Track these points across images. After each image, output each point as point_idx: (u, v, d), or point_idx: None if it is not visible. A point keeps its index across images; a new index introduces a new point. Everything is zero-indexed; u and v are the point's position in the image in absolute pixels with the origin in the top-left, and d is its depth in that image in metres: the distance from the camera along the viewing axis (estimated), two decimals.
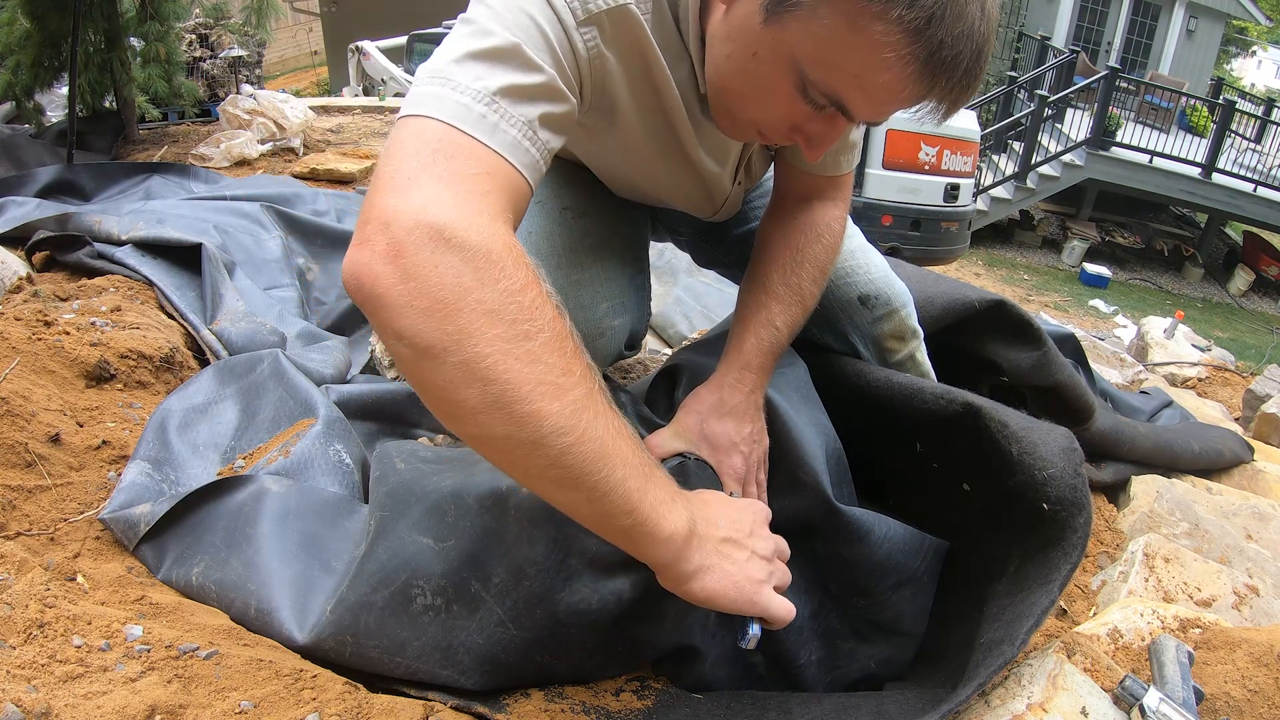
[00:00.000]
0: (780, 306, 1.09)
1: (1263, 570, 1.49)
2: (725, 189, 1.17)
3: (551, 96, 0.74)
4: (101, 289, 1.91)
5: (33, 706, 0.73)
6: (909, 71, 0.72)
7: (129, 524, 1.10)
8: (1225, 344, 6.36)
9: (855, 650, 1.09)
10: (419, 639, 0.94)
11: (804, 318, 1.12)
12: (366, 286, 0.61)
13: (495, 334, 0.60)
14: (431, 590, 0.95)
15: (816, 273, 1.12)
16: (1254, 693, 1.00)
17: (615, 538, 0.75)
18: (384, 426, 1.80)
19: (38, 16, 3.87)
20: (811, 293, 1.12)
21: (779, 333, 1.08)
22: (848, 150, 1.13)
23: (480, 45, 0.71)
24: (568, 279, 1.13)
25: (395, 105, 6.05)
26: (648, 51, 0.89)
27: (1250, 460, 2.03)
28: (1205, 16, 13.98)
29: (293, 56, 18.01)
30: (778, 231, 1.14)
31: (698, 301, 2.78)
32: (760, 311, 1.09)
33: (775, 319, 1.08)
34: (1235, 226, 13.06)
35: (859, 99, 0.76)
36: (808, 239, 1.12)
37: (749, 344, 1.07)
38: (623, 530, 0.72)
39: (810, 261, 1.11)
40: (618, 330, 1.15)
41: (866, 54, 0.71)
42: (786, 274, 1.10)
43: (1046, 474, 0.96)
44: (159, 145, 4.48)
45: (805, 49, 0.73)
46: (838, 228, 1.15)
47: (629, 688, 1.01)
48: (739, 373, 1.06)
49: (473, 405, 0.62)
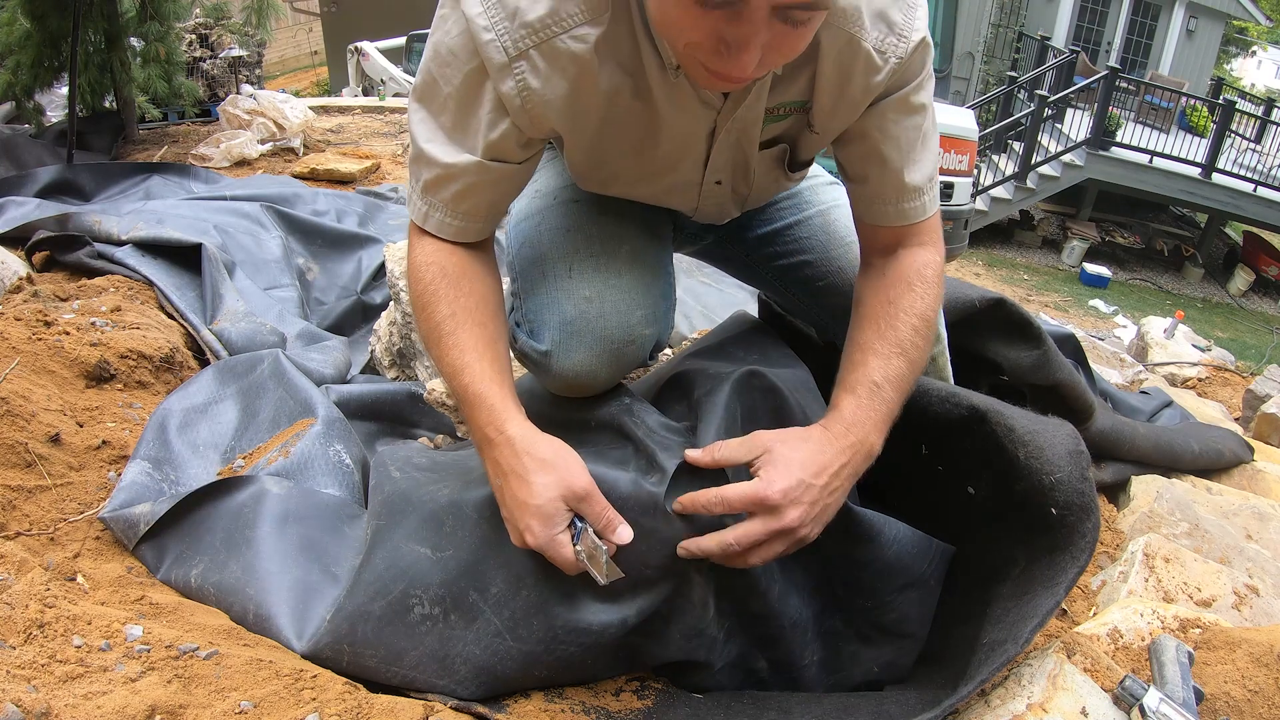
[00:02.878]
0: (879, 361, 1.00)
1: (1263, 570, 1.49)
2: (695, 180, 1.13)
3: (469, 172, 0.97)
4: (101, 289, 1.91)
5: (33, 706, 0.73)
6: None
7: (129, 523, 1.10)
8: (1225, 344, 6.36)
9: (858, 653, 1.08)
10: (416, 648, 0.94)
11: (912, 371, 1.01)
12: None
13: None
14: (429, 600, 0.95)
15: (917, 321, 1.02)
16: (1254, 693, 1.00)
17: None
18: (384, 426, 1.80)
19: (38, 16, 3.87)
20: (914, 343, 1.02)
21: (880, 389, 0.98)
22: (913, 195, 1.06)
23: (421, 142, 0.98)
24: (606, 282, 1.09)
25: (395, 105, 6.05)
26: (587, 69, 0.91)
27: (1250, 460, 2.03)
28: (1205, 16, 13.97)
29: (293, 56, 18.02)
30: (869, 288, 1.08)
31: (698, 301, 2.79)
32: (856, 370, 1.01)
33: (874, 374, 0.99)
34: (1235, 226, 13.06)
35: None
36: (899, 290, 1.05)
37: (846, 405, 0.99)
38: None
39: (907, 311, 1.03)
40: (648, 340, 1.13)
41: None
42: (881, 327, 1.02)
43: (1054, 478, 0.96)
44: (159, 145, 4.48)
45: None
46: (930, 273, 1.07)
47: (629, 688, 1.01)
48: (842, 428, 0.97)
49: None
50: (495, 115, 0.94)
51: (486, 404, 0.93)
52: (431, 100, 0.96)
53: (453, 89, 0.94)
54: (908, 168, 1.04)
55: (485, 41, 0.88)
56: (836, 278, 1.31)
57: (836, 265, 1.32)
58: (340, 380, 1.89)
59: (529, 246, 1.16)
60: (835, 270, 1.32)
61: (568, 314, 1.07)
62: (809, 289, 1.34)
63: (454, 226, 1.00)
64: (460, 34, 0.90)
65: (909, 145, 1.03)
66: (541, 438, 0.93)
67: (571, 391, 1.14)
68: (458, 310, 0.98)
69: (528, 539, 0.90)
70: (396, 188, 3.83)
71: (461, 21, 0.89)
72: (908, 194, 1.05)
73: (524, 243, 1.17)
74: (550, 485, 0.89)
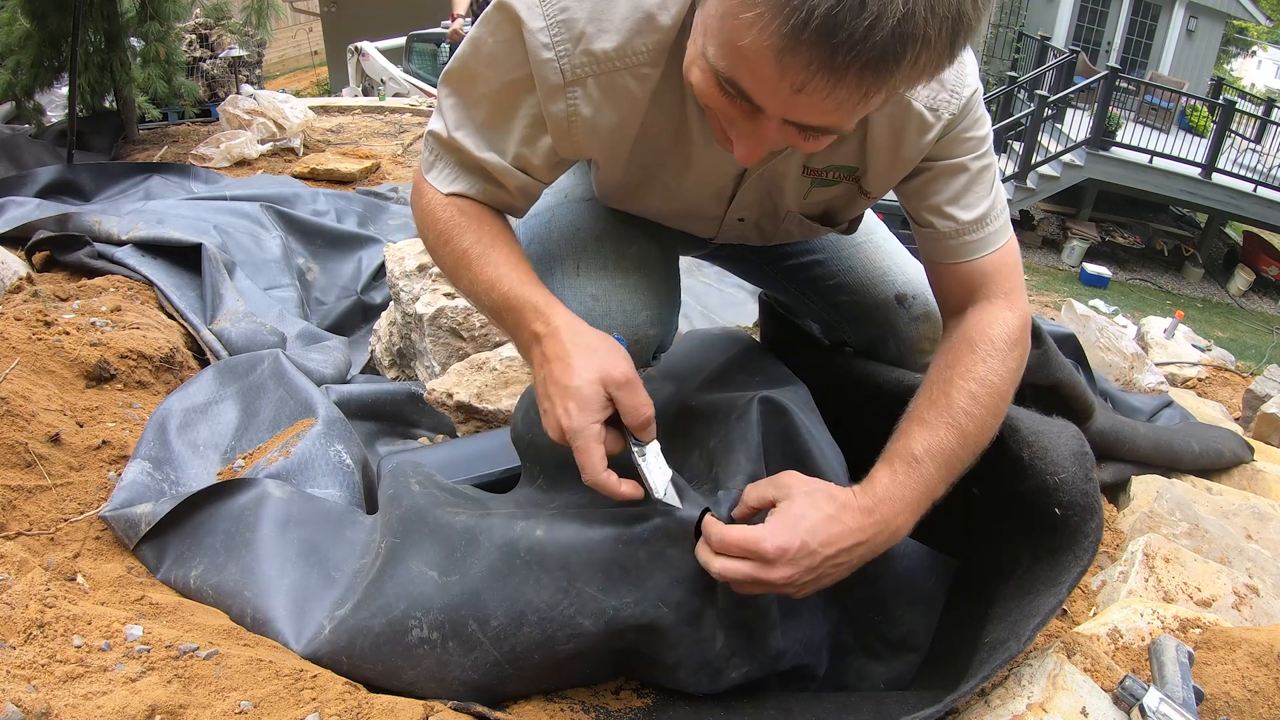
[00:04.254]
0: (924, 432, 0.92)
1: (1263, 570, 1.49)
2: (716, 215, 1.12)
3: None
4: (101, 289, 1.91)
5: (33, 706, 0.73)
6: (772, 44, 0.63)
7: (130, 523, 1.10)
8: (1225, 344, 6.36)
9: (865, 668, 1.08)
10: (413, 669, 0.93)
11: (964, 444, 0.92)
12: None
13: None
14: (428, 624, 0.93)
15: (975, 387, 0.93)
16: (1254, 693, 1.00)
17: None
18: (384, 426, 1.80)
19: (38, 16, 3.87)
20: (970, 413, 0.92)
21: (919, 464, 0.90)
22: (974, 228, 1.00)
23: (451, 126, 0.96)
24: (613, 281, 1.08)
25: (395, 105, 6.05)
26: (639, 107, 0.90)
27: (1250, 460, 2.03)
28: (1205, 16, 13.97)
29: (293, 56, 18.00)
30: (936, 356, 1.02)
31: (698, 301, 2.79)
32: (898, 440, 0.93)
33: (915, 446, 0.91)
34: (1235, 226, 13.06)
35: (747, 77, 0.69)
36: (960, 352, 0.97)
37: (880, 479, 0.91)
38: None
39: (965, 377, 0.94)
40: (653, 340, 1.11)
41: (738, 30, 0.65)
42: (934, 394, 0.95)
43: (1058, 479, 0.96)
44: (159, 145, 4.48)
45: (708, 26, 0.71)
46: (999, 332, 0.97)
47: (629, 686, 1.01)
48: (870, 504, 0.90)
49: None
50: (532, 131, 0.93)
51: (530, 304, 0.91)
52: (466, 92, 0.94)
53: (489, 90, 0.92)
54: (969, 206, 1.00)
55: (543, 60, 0.86)
56: (847, 277, 1.31)
57: (847, 264, 1.32)
58: (340, 380, 1.89)
59: (537, 243, 1.16)
60: (846, 269, 1.31)
61: (573, 312, 1.07)
62: (818, 288, 1.34)
63: (476, 188, 0.98)
64: (508, 41, 0.88)
65: (967, 187, 1.00)
66: (588, 327, 0.91)
67: None
68: (483, 236, 0.96)
69: (563, 422, 0.85)
70: (396, 188, 3.83)
71: (514, 30, 0.86)
72: (969, 227, 1.01)
73: (532, 239, 1.17)
74: (590, 367, 0.85)
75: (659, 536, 0.92)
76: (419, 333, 1.96)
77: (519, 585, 0.93)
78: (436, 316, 1.92)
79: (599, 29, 0.85)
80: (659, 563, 0.92)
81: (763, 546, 0.84)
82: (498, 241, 0.96)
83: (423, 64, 9.95)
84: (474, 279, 0.95)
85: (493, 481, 1.37)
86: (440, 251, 0.99)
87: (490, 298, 0.94)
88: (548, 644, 0.92)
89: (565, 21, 0.84)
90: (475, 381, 1.69)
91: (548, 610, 0.91)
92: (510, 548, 0.94)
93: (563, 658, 0.93)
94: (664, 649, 0.94)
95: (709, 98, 0.77)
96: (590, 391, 0.85)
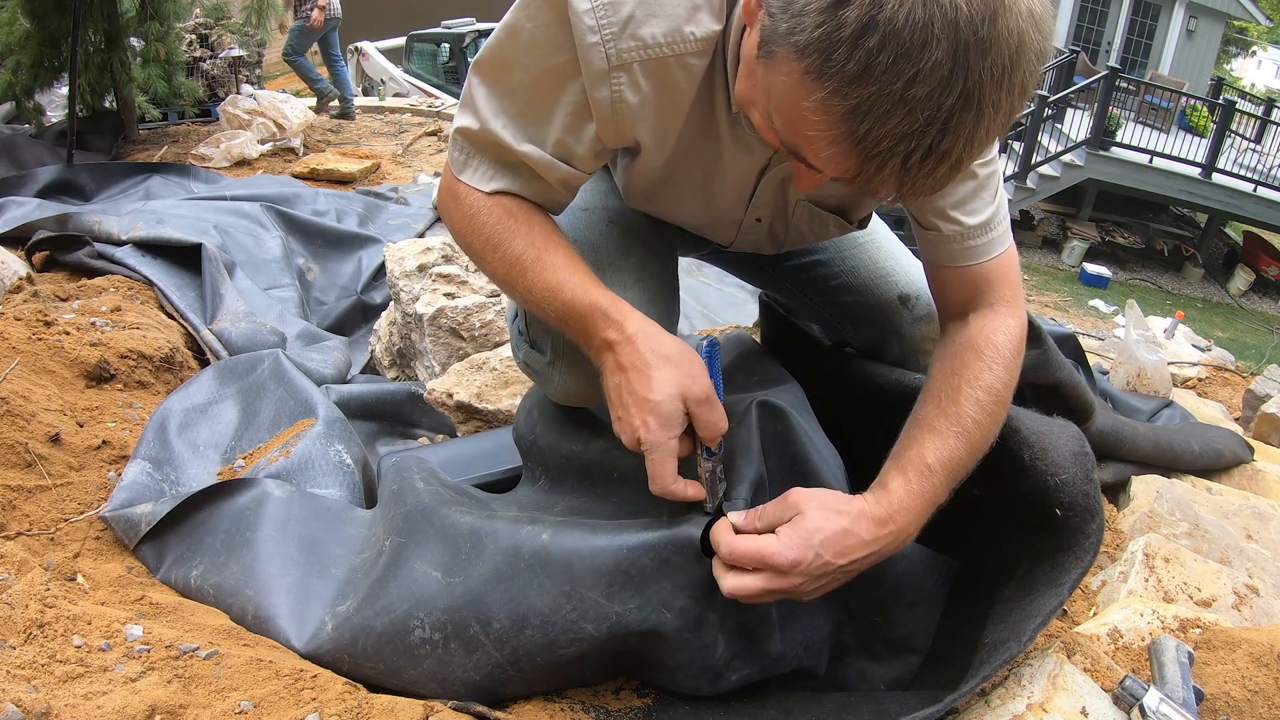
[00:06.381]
0: (936, 442, 0.92)
1: (1263, 570, 1.49)
2: (736, 218, 1.13)
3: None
4: (101, 289, 1.91)
5: (33, 706, 0.73)
6: (839, 150, 0.69)
7: (130, 523, 1.10)
8: (1225, 344, 6.36)
9: (865, 669, 1.08)
10: (414, 669, 0.93)
11: (970, 455, 0.93)
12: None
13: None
14: (430, 625, 0.93)
15: (983, 395, 0.94)
16: (1254, 693, 1.00)
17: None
18: (384, 426, 1.80)
19: (38, 16, 3.87)
20: (977, 422, 0.93)
21: (931, 473, 0.90)
22: (977, 233, 1.00)
23: (487, 117, 0.92)
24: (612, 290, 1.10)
25: (395, 105, 6.05)
26: (683, 97, 0.89)
27: (1250, 460, 2.03)
28: (1205, 16, 13.98)
29: None
30: (937, 358, 1.03)
31: (698, 301, 2.79)
32: (910, 448, 0.93)
33: (928, 455, 0.91)
34: (1235, 226, 13.06)
35: (810, 157, 0.74)
36: (965, 358, 0.98)
37: (895, 487, 0.90)
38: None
39: (973, 385, 0.95)
40: None
41: (806, 121, 0.69)
42: (942, 401, 0.95)
43: (1059, 480, 0.96)
44: (159, 145, 4.48)
45: (773, 95, 0.73)
46: (1003, 339, 0.99)
47: (629, 686, 1.01)
48: (885, 514, 0.90)
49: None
50: (575, 119, 0.90)
51: (600, 309, 0.90)
52: (500, 80, 0.91)
53: (528, 78, 0.89)
54: (974, 211, 1.01)
55: (589, 44, 0.83)
56: (850, 277, 1.31)
57: (850, 265, 1.31)
58: (340, 380, 1.89)
59: None
60: (849, 270, 1.31)
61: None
62: (820, 289, 1.34)
63: (517, 184, 0.96)
64: (549, 25, 0.85)
65: (973, 193, 1.01)
66: (664, 334, 0.90)
67: (574, 402, 1.13)
68: (535, 239, 0.93)
69: (641, 434, 0.86)
70: (396, 188, 3.83)
71: (555, 13, 0.84)
72: (973, 232, 1.01)
73: None
74: (671, 381, 0.86)
75: (664, 544, 0.92)
76: (419, 333, 1.97)
77: (522, 589, 0.93)
78: (436, 316, 1.92)
79: (648, 13, 0.83)
80: (663, 569, 0.92)
81: (776, 560, 0.84)
82: (551, 244, 0.94)
83: (423, 64, 9.96)
84: (530, 286, 0.93)
85: (493, 481, 1.37)
86: (488, 258, 0.96)
87: (554, 306, 0.92)
88: (550, 647, 0.92)
89: (612, 3, 0.82)
90: (475, 381, 1.69)
91: (550, 614, 0.91)
92: (515, 551, 0.94)
93: (564, 660, 0.92)
94: (666, 653, 0.94)
95: (769, 141, 0.79)
96: (670, 408, 0.86)
